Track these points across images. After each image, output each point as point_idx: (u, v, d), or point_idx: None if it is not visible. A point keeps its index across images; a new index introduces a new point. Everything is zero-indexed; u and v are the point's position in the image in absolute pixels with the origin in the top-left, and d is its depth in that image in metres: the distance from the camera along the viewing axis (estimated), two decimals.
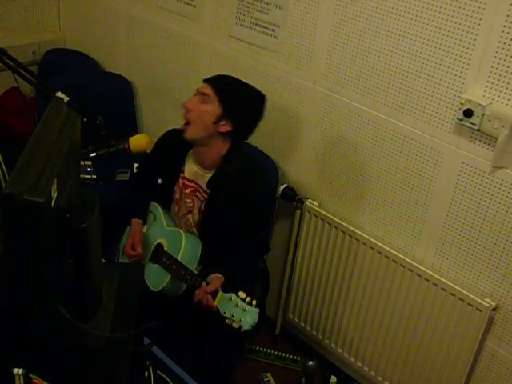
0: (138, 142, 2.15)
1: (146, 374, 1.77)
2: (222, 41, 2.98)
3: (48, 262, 1.35)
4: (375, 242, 2.57)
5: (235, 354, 2.70)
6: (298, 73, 2.69)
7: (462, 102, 2.12)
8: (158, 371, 1.84)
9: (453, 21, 2.11)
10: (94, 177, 3.14)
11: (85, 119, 2.07)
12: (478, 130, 2.13)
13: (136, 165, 3.34)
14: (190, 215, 2.50)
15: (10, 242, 1.31)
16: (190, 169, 2.48)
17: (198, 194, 2.46)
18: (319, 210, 2.74)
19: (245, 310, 2.07)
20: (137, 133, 2.39)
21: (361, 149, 2.56)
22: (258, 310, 2.09)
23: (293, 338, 3.12)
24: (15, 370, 1.36)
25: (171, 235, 2.48)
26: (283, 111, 2.81)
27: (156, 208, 2.61)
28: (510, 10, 1.96)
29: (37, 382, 1.39)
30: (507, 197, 2.15)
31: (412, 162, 2.39)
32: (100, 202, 1.52)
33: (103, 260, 1.66)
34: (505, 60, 2.02)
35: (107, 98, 3.50)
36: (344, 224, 2.67)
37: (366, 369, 2.80)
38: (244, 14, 2.81)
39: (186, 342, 2.50)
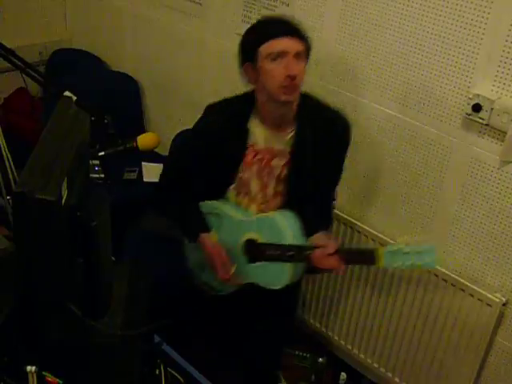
0: (146, 141, 2.16)
1: (157, 371, 1.77)
2: (229, 38, 2.98)
3: (59, 260, 1.35)
4: (384, 237, 2.56)
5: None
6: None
7: (471, 96, 2.12)
8: (169, 369, 1.84)
9: (460, 15, 2.10)
10: (102, 176, 3.15)
11: (93, 118, 2.08)
12: (487, 125, 2.12)
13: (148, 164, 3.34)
14: (267, 189, 2.17)
15: (21, 241, 1.32)
16: (261, 136, 2.12)
17: (276, 160, 2.13)
18: None
19: (418, 252, 1.85)
20: (144, 131, 2.40)
21: (368, 144, 2.55)
22: (433, 246, 1.86)
23: (303, 335, 3.12)
24: (28, 368, 1.37)
25: (257, 225, 2.14)
26: None
27: (215, 207, 2.23)
28: None
29: (50, 379, 1.40)
30: None
31: (421, 158, 2.39)
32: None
33: (113, 258, 1.66)
34: None
35: (114, 97, 3.51)
36: (352, 220, 2.66)
37: (376, 365, 2.79)
38: (250, 12, 2.81)
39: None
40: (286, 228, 2.06)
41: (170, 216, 2.35)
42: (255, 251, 2.12)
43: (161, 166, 3.22)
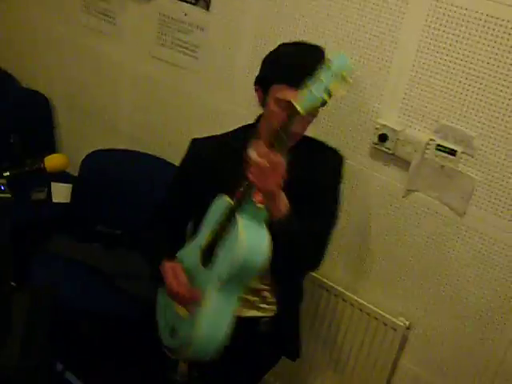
0: (54, 162, 2.10)
1: None
2: (143, 61, 2.96)
3: None
4: None
5: None
6: (218, 94, 2.70)
7: (377, 126, 2.19)
8: None
9: (368, 50, 2.17)
10: (9, 196, 3.04)
11: None
12: (393, 155, 2.20)
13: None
14: None
15: None
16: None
17: None
18: None
19: (328, 66, 1.55)
20: (55, 151, 2.34)
21: None
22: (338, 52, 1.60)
23: None
24: None
25: (207, 222, 1.91)
26: (205, 133, 2.78)
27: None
28: (419, 45, 2.06)
29: None
30: (420, 219, 2.22)
31: None
32: (14, 222, 1.48)
33: (13, 284, 1.60)
34: (417, 88, 2.10)
35: (25, 115, 3.41)
36: None
37: None
38: (165, 34, 2.81)
39: None
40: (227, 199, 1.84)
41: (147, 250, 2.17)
42: (210, 247, 1.87)
43: (70, 186, 3.17)
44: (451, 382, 2.33)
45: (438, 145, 2.09)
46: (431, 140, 2.10)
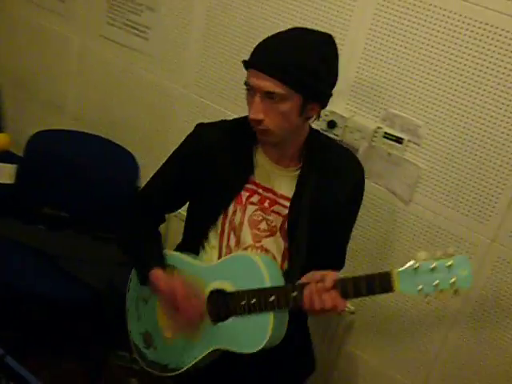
0: None
1: None
2: (92, 40, 2.90)
3: None
4: None
5: None
6: (169, 76, 2.67)
7: (326, 113, 2.19)
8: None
9: None
10: None
11: None
12: (341, 141, 2.21)
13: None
14: (270, 239, 1.74)
15: None
16: (263, 171, 1.73)
17: (277, 206, 1.71)
18: None
19: (449, 265, 1.39)
20: (1, 130, 2.28)
21: None
22: (465, 256, 1.40)
23: None
24: None
25: (224, 269, 1.69)
26: (155, 115, 2.78)
27: (175, 258, 1.80)
28: (369, 33, 2.07)
29: None
30: (367, 206, 2.25)
31: None
32: None
33: None
34: (365, 75, 2.12)
35: None
36: None
37: None
38: (116, 14, 2.75)
39: None
40: (263, 267, 1.61)
41: (128, 239, 1.89)
42: (222, 305, 1.67)
43: (15, 166, 3.09)
44: (396, 367, 2.38)
45: (386, 132, 2.12)
46: (379, 128, 2.12)
